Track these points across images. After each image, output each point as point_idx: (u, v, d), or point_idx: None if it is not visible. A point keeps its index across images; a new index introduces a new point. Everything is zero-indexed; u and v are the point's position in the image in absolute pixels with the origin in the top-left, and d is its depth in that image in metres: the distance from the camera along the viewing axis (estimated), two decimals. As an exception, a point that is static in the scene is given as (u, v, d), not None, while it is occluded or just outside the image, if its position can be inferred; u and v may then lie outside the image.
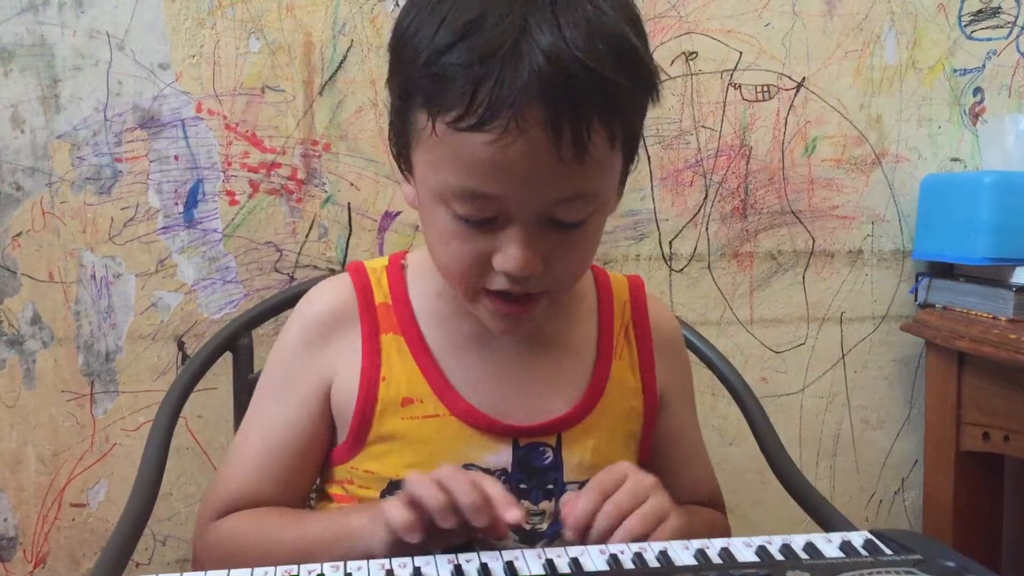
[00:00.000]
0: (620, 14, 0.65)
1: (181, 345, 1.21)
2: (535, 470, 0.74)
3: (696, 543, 0.60)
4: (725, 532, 0.86)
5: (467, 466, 0.73)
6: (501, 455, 0.74)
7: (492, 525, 0.62)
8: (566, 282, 0.72)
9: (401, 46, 0.67)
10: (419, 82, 0.64)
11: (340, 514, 0.73)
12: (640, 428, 0.81)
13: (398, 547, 0.63)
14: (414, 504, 0.61)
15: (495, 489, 0.62)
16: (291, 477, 0.78)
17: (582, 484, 0.75)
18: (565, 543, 0.73)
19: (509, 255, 0.65)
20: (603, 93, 0.62)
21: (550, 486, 0.75)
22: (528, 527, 0.74)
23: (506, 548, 0.70)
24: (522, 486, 0.74)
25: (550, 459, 0.75)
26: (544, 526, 0.74)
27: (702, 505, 0.86)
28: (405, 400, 0.75)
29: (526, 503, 0.74)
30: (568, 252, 0.68)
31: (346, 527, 0.68)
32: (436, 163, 0.66)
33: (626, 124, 0.65)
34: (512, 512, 0.61)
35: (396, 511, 0.61)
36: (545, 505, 0.74)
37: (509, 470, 0.74)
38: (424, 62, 0.63)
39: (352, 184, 1.22)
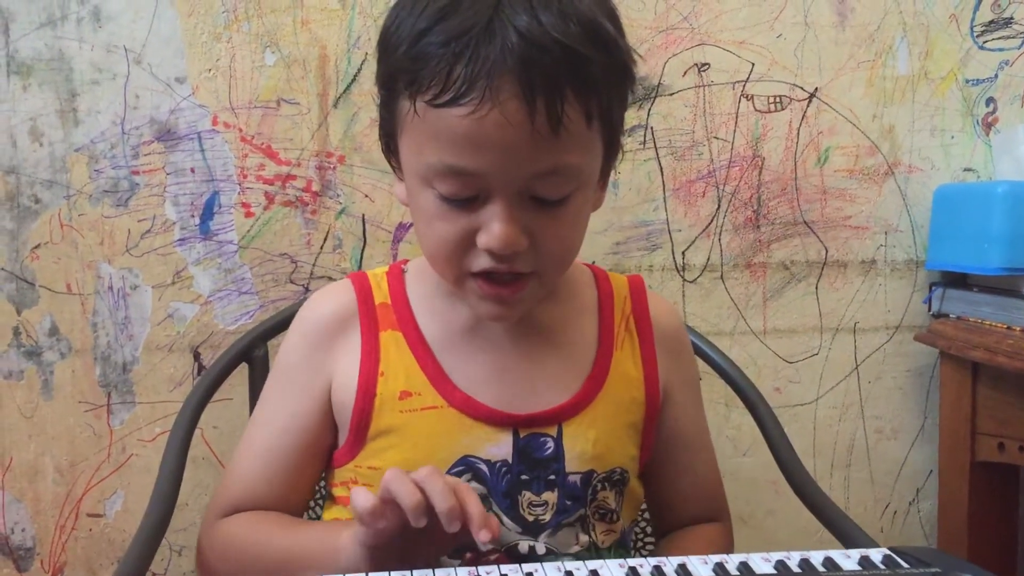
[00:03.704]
0: (595, 4, 0.67)
1: (197, 356, 1.22)
2: (536, 461, 0.75)
3: (715, 557, 0.60)
4: (724, 548, 0.86)
5: (467, 458, 0.74)
6: (502, 446, 0.75)
7: (466, 534, 0.61)
8: (553, 262, 0.72)
9: (385, 41, 0.70)
10: (400, 67, 0.67)
11: (333, 527, 0.74)
12: (642, 419, 0.81)
13: (378, 561, 0.63)
14: (387, 500, 0.61)
15: (471, 502, 0.62)
16: (293, 477, 0.79)
17: (584, 474, 0.76)
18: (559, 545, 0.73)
19: (492, 231, 0.67)
20: (576, 68, 0.64)
21: (552, 476, 0.75)
22: (531, 519, 0.74)
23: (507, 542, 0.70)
24: (523, 477, 0.74)
25: (551, 449, 0.75)
26: (547, 517, 0.75)
27: (702, 519, 0.87)
28: (403, 393, 0.76)
29: (528, 494, 0.75)
30: (551, 230, 0.69)
31: (336, 541, 0.68)
32: (418, 144, 0.68)
33: (602, 104, 0.67)
34: (483, 533, 0.60)
35: (360, 495, 0.61)
36: (548, 496, 0.75)
37: (510, 461, 0.74)
38: (405, 49, 0.66)
39: (366, 196, 1.23)
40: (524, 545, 0.74)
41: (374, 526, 0.61)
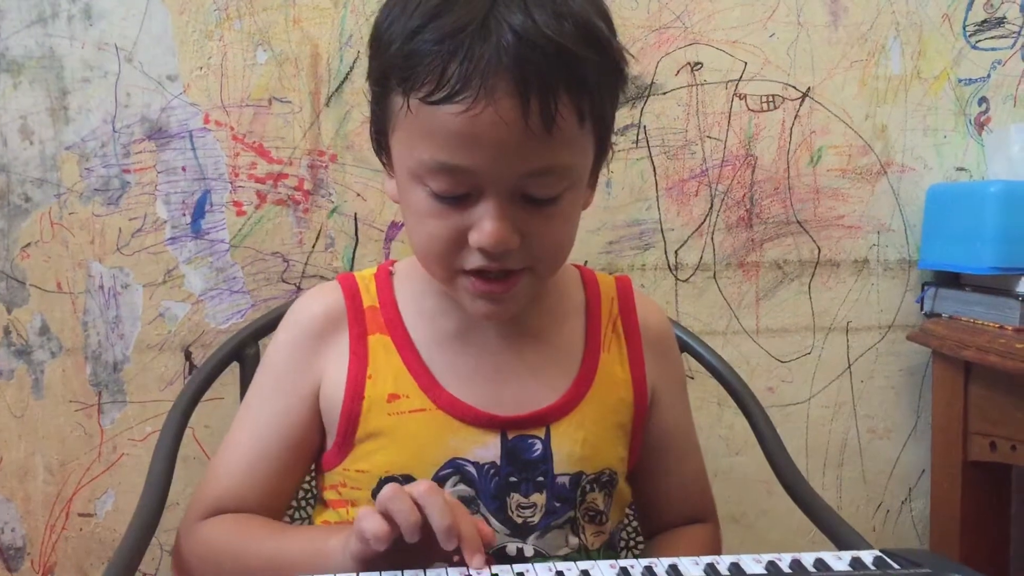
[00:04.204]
0: (588, 4, 0.68)
1: (188, 355, 1.21)
2: (525, 463, 0.75)
3: (706, 558, 0.60)
4: (712, 548, 0.86)
5: (455, 460, 0.74)
6: (490, 448, 0.75)
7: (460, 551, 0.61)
8: (546, 260, 0.72)
9: (377, 38, 0.70)
10: (393, 64, 0.67)
11: (319, 533, 0.73)
12: (630, 420, 0.81)
13: (368, 564, 0.62)
14: (386, 516, 0.61)
15: (467, 525, 0.61)
16: (278, 477, 0.79)
17: (573, 476, 0.76)
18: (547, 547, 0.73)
19: (483, 230, 0.67)
20: (569, 67, 0.64)
21: (540, 478, 0.75)
22: (520, 521, 0.74)
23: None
24: (512, 479, 0.74)
25: (539, 451, 0.75)
26: (536, 519, 0.75)
27: (690, 520, 0.87)
28: (391, 396, 0.76)
29: (517, 496, 0.75)
30: (543, 229, 0.69)
31: (325, 545, 0.68)
32: (411, 141, 0.68)
33: (595, 104, 0.67)
34: (476, 559, 0.60)
35: (369, 520, 0.61)
36: (536, 498, 0.75)
37: (498, 463, 0.74)
38: (398, 46, 0.66)
39: (359, 195, 1.23)
40: (512, 548, 0.74)
41: (377, 549, 0.61)
